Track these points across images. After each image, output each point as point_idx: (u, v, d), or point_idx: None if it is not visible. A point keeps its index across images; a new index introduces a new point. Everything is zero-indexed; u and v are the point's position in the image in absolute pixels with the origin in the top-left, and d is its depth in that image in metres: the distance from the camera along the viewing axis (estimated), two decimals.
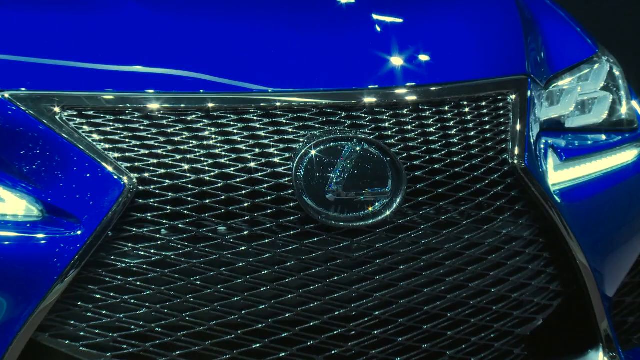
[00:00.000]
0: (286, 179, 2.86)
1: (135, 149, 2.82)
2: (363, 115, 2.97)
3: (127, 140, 2.82)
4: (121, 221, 2.77)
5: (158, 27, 3.09)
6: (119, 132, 2.83)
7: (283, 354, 2.85)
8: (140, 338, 2.79)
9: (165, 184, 2.81)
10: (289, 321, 2.85)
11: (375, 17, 3.25)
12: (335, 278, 2.87)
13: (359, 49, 3.15)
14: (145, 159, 2.81)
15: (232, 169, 2.85)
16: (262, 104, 2.92)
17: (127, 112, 2.84)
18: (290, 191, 2.86)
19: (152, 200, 2.80)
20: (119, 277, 2.78)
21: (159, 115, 2.85)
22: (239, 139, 2.87)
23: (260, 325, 2.83)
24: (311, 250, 2.85)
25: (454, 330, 2.99)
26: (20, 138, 2.81)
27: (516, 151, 3.07)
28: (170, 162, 2.82)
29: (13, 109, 2.81)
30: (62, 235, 2.74)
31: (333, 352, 2.88)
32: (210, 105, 2.89)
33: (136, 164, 2.80)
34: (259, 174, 2.86)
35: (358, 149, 2.91)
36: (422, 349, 2.96)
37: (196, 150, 2.84)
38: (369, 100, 2.98)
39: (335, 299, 2.87)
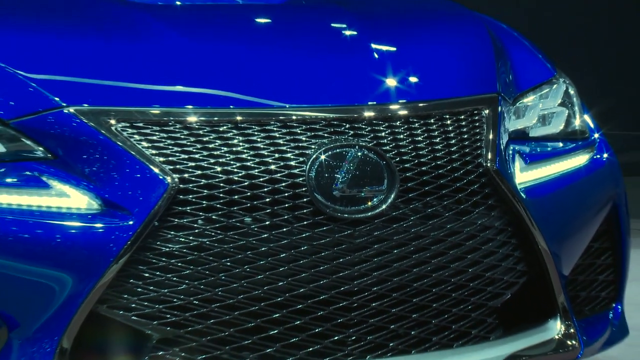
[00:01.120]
0: (300, 179, 2.86)
1: (177, 154, 2.82)
2: (363, 126, 2.97)
3: (170, 146, 2.82)
4: (165, 213, 2.77)
5: (194, 53, 3.09)
6: (163, 140, 2.83)
7: (298, 322, 2.85)
8: (181, 309, 2.78)
9: (202, 183, 2.81)
10: (303, 295, 2.84)
11: (372, 45, 3.24)
12: (341, 260, 2.86)
13: (359, 71, 3.15)
14: (185, 162, 2.81)
15: (256, 170, 2.84)
16: (280, 117, 2.92)
17: (170, 123, 2.85)
18: (303, 189, 2.86)
19: (190, 196, 2.80)
20: (163, 259, 2.77)
21: (196, 126, 2.86)
22: (262, 146, 2.87)
23: (279, 299, 2.82)
24: (321, 237, 2.85)
25: (438, 303, 2.98)
26: (83, 145, 2.81)
27: (489, 156, 3.07)
28: (205, 165, 2.82)
29: (77, 121, 2.81)
30: (117, 225, 2.75)
31: (339, 320, 2.88)
32: (239, 118, 2.89)
33: (177, 166, 2.80)
34: (278, 175, 2.86)
35: (359, 154, 2.91)
36: (411, 318, 2.95)
37: (227, 155, 2.84)
38: (368, 114, 2.99)
39: (341, 277, 2.87)
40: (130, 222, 2.75)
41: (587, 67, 9.00)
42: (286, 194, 2.85)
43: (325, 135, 2.92)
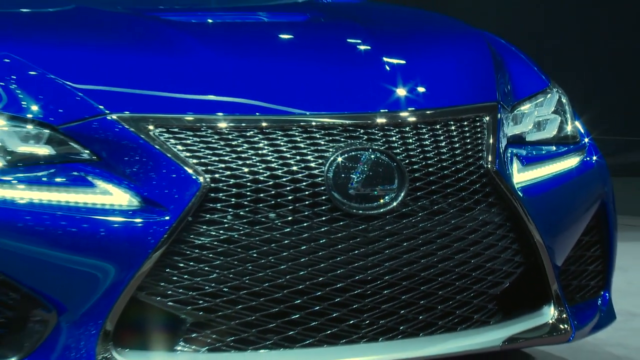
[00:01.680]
0: (320, 179, 2.86)
1: (208, 156, 2.82)
2: (376, 131, 2.97)
3: (202, 150, 2.82)
4: (198, 209, 2.78)
5: (224, 65, 3.09)
6: (196, 143, 2.83)
7: (317, 307, 2.86)
8: (212, 296, 2.79)
9: (231, 182, 2.81)
10: (321, 283, 2.84)
11: (384, 58, 3.24)
12: (355, 252, 2.87)
13: (372, 82, 3.14)
14: (215, 163, 2.82)
15: (280, 171, 2.85)
16: (301, 123, 2.92)
17: (202, 129, 2.85)
18: (322, 187, 2.86)
19: (220, 194, 2.80)
20: (196, 250, 2.78)
21: (226, 132, 2.86)
22: (285, 149, 2.88)
23: (300, 286, 2.83)
24: (337, 231, 2.86)
25: (443, 291, 2.98)
26: (124, 148, 2.82)
27: (489, 158, 3.07)
28: (234, 166, 2.82)
29: (119, 127, 2.82)
30: (155, 220, 2.75)
31: (354, 306, 2.88)
32: (264, 124, 2.89)
33: (209, 167, 2.81)
34: (299, 175, 2.86)
35: (372, 156, 2.92)
36: (419, 304, 2.96)
37: (253, 157, 2.85)
38: (380, 120, 2.99)
39: (355, 267, 2.87)
40: (167, 218, 2.76)
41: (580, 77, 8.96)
42: (307, 193, 2.86)
43: (342, 139, 2.93)
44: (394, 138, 2.98)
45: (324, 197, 2.86)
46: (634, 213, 6.69)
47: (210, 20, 3.73)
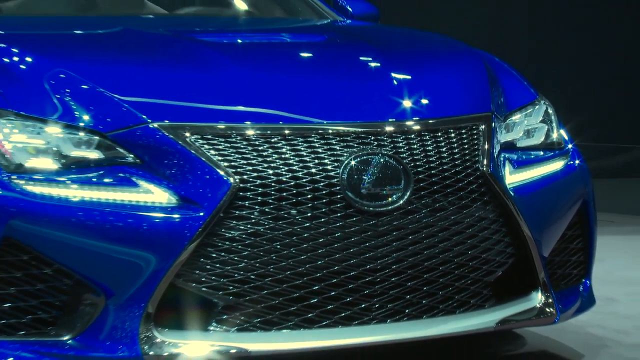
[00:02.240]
0: (335, 180, 2.85)
1: (238, 160, 2.81)
2: (385, 138, 2.95)
3: (232, 154, 2.82)
4: (228, 206, 2.77)
5: (251, 80, 3.08)
6: (227, 149, 2.82)
7: (333, 292, 2.84)
8: (240, 282, 2.78)
9: (257, 183, 2.80)
10: (337, 271, 2.84)
11: (392, 74, 3.23)
12: (367, 244, 2.86)
13: (381, 94, 3.13)
14: (244, 166, 2.81)
15: (300, 173, 2.84)
16: (320, 131, 2.91)
17: (232, 136, 2.84)
18: (337, 187, 2.85)
19: (248, 193, 2.79)
20: (226, 242, 2.77)
21: (253, 138, 2.85)
22: (305, 154, 2.87)
23: (318, 274, 2.82)
24: (351, 226, 2.85)
25: (444, 278, 2.96)
26: (163, 153, 2.81)
27: (485, 162, 3.05)
28: (260, 169, 2.82)
29: (159, 134, 2.82)
30: (191, 216, 2.75)
31: (365, 292, 2.87)
32: (287, 132, 2.88)
33: (238, 169, 2.80)
34: (317, 176, 2.85)
35: (382, 160, 2.91)
36: (423, 290, 2.94)
37: (277, 161, 2.84)
38: (388, 128, 2.98)
39: (367, 257, 2.86)
40: (201, 214, 2.75)
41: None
42: (324, 192, 2.85)
43: (355, 145, 2.91)
44: (400, 144, 2.96)
45: (339, 196, 2.85)
46: (612, 210, 6.67)
47: (239, 40, 3.72)
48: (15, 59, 3.08)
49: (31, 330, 2.76)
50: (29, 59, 3.07)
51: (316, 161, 2.87)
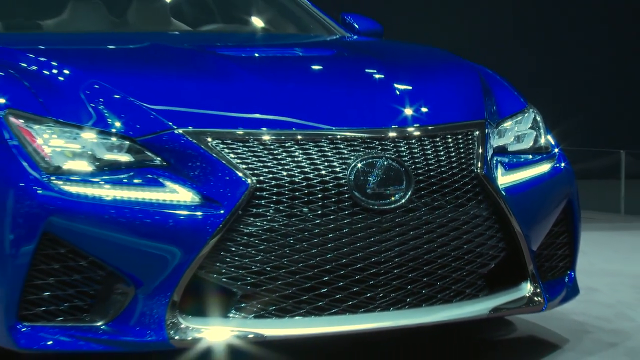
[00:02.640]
0: (343, 181, 2.84)
1: (255, 163, 2.81)
2: (388, 143, 2.94)
3: (250, 157, 2.81)
4: (246, 205, 2.76)
5: (267, 90, 3.07)
6: (245, 152, 2.82)
7: (341, 283, 2.84)
8: (257, 273, 2.77)
9: (272, 183, 2.79)
10: (344, 264, 2.83)
11: (395, 84, 3.21)
12: (372, 238, 2.85)
13: (385, 103, 3.12)
14: (260, 168, 2.80)
15: (311, 174, 2.83)
16: (329, 136, 2.90)
17: (250, 141, 2.84)
18: (345, 187, 2.84)
19: (264, 193, 2.78)
20: (244, 237, 2.76)
21: (269, 143, 2.85)
22: (315, 157, 2.86)
23: (327, 266, 2.81)
24: (357, 222, 2.84)
25: (442, 270, 2.95)
26: (187, 156, 2.80)
27: (479, 164, 3.04)
28: (275, 170, 2.81)
29: (184, 139, 2.81)
30: (212, 213, 2.74)
31: (370, 282, 2.86)
32: (299, 137, 2.88)
33: (255, 171, 2.79)
34: (327, 177, 2.84)
35: (385, 163, 2.89)
36: (422, 281, 2.93)
37: (290, 163, 2.83)
38: (391, 134, 2.97)
39: (371, 251, 2.85)
40: (221, 211, 2.74)
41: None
42: (333, 192, 2.84)
43: (361, 149, 2.90)
44: (402, 148, 2.95)
45: (346, 195, 2.84)
46: (594, 209, 6.64)
47: (256, 54, 3.71)
48: (55, 71, 3.08)
49: (68, 317, 2.76)
50: (66, 72, 3.07)
51: (326, 164, 2.86)
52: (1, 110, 2.88)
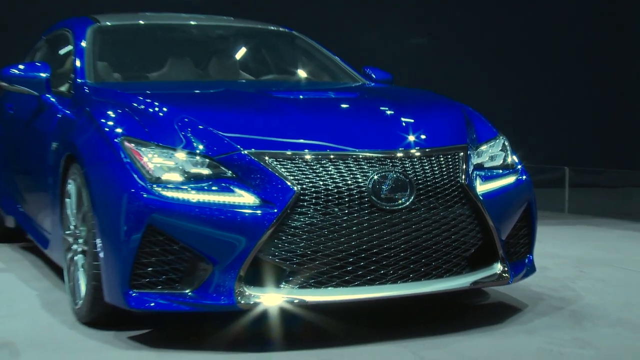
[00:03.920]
0: (363, 188, 2.81)
1: (299, 175, 2.78)
2: (397, 161, 2.90)
3: (295, 171, 2.79)
4: (293, 205, 2.74)
5: (308, 121, 3.04)
6: (292, 167, 2.79)
7: (362, 263, 2.80)
8: (300, 256, 2.75)
9: (312, 190, 2.77)
10: (364, 249, 2.80)
11: (401, 118, 3.16)
12: (384, 231, 2.81)
13: (394, 131, 3.06)
14: (303, 179, 2.78)
15: (341, 183, 2.80)
16: (353, 156, 2.87)
17: (296, 159, 2.81)
18: (365, 193, 2.81)
19: (306, 197, 2.76)
20: (291, 229, 2.74)
21: (309, 160, 2.82)
22: (343, 171, 2.83)
23: (352, 251, 2.78)
24: (374, 219, 2.81)
25: (435, 254, 2.91)
26: (251, 170, 2.78)
27: (463, 177, 2.99)
28: (314, 181, 2.78)
29: (248, 158, 2.79)
30: (268, 212, 2.72)
31: (383, 263, 2.82)
32: (332, 156, 2.85)
33: (299, 181, 2.77)
34: (352, 186, 2.81)
35: (395, 175, 2.86)
36: (421, 262, 2.89)
37: (325, 175, 2.80)
38: (399, 154, 2.93)
39: (384, 240, 2.81)
40: (275, 210, 2.72)
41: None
42: (356, 196, 2.80)
43: (377, 165, 2.87)
44: (407, 164, 2.91)
45: (366, 199, 2.81)
46: (546, 209, 6.56)
47: (301, 96, 3.68)
48: (156, 109, 3.08)
49: (165, 286, 2.76)
50: (165, 109, 3.07)
51: (351, 176, 2.83)
52: (119, 137, 2.89)
